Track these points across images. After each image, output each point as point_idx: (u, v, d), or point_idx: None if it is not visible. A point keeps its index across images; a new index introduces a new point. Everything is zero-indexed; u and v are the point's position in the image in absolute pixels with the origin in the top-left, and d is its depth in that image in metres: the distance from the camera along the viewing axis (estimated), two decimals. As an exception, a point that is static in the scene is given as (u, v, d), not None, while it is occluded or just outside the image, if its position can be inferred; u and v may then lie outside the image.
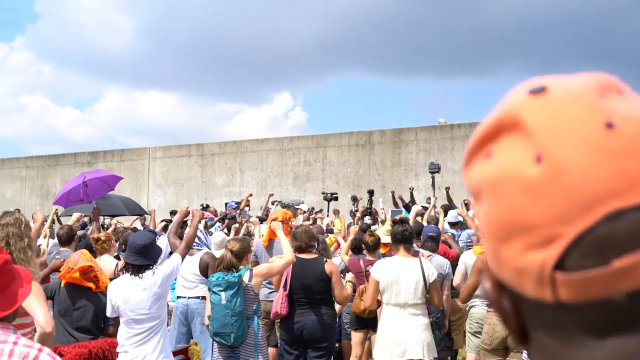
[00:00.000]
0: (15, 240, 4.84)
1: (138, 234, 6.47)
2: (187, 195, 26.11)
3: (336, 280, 7.61)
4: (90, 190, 12.10)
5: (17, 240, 4.84)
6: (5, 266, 3.04)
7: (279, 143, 25.26)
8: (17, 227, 4.90)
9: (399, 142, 23.32)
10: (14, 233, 4.86)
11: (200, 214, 7.30)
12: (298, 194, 23.30)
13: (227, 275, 6.82)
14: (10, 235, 4.85)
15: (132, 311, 6.12)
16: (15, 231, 4.87)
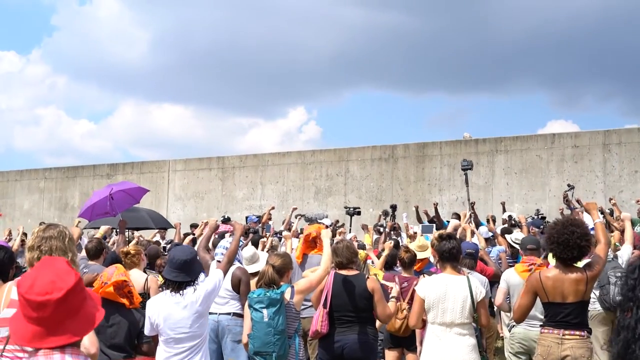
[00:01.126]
0: (58, 255, 4.58)
1: (179, 248, 6.20)
2: (207, 208, 25.88)
3: (379, 297, 7.32)
4: (116, 203, 11.90)
5: (60, 255, 4.58)
6: (78, 285, 2.79)
7: (300, 156, 25.02)
8: (61, 240, 4.64)
9: (423, 157, 23.03)
10: (58, 247, 4.60)
11: (242, 227, 7.03)
12: (320, 208, 23.06)
13: (268, 292, 6.55)
14: (54, 249, 4.59)
15: (172, 330, 5.86)
16: (59, 245, 4.61)
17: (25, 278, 2.80)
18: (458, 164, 22.18)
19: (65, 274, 2.80)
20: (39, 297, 2.70)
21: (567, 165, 21.11)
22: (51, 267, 2.81)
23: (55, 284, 2.74)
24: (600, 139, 20.87)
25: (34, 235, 4.66)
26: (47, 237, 4.61)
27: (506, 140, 22.23)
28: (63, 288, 2.75)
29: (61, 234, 4.67)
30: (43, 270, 2.80)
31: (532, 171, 21.54)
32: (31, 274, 2.81)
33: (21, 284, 2.75)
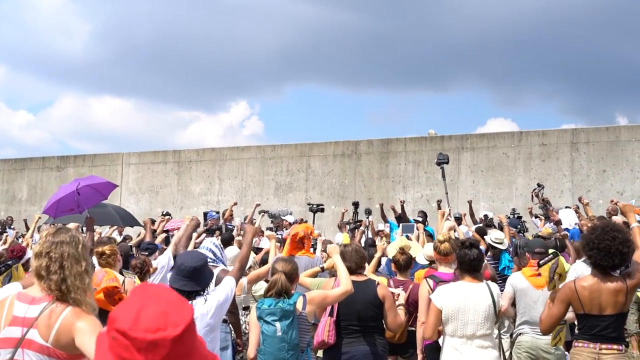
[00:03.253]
0: (70, 263, 3.92)
1: (187, 254, 5.54)
2: (162, 203, 25.08)
3: (389, 305, 6.78)
4: (83, 199, 11.12)
5: (72, 263, 3.92)
6: (193, 319, 2.14)
7: (260, 151, 24.38)
8: (74, 246, 3.97)
9: (387, 153, 22.57)
10: (70, 254, 3.93)
11: (253, 229, 6.40)
12: (280, 204, 22.47)
13: (280, 302, 5.95)
14: (65, 257, 3.92)
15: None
16: (71, 251, 3.95)
17: (123, 310, 2.10)
18: (423, 160, 21.83)
19: (179, 304, 2.12)
20: (149, 334, 2.00)
21: (534, 163, 20.84)
22: (158, 295, 2.13)
23: (168, 318, 2.04)
24: (568, 137, 20.63)
25: (42, 239, 4.00)
26: (58, 243, 3.94)
27: (472, 137, 21.89)
28: (179, 323, 2.06)
29: (73, 239, 4.01)
30: (147, 298, 2.10)
31: (498, 169, 21.23)
32: (130, 304, 2.11)
33: (119, 317, 2.06)
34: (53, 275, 3.87)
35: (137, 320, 2.04)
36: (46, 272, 3.88)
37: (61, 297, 3.85)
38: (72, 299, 3.85)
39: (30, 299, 3.90)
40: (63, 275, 3.87)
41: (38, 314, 3.82)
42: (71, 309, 3.83)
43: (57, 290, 3.84)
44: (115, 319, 2.08)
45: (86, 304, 3.88)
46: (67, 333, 3.77)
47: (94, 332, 3.76)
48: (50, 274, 3.88)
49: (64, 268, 3.89)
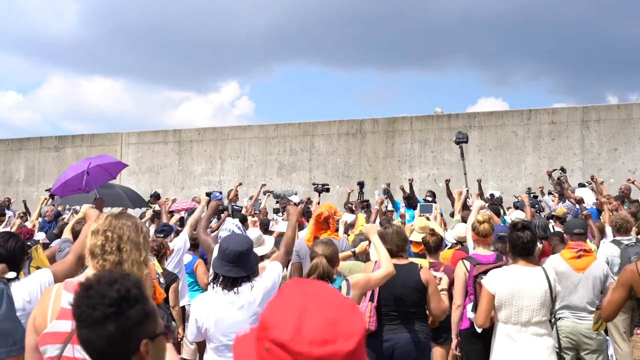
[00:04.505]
0: (129, 247, 3.53)
1: (232, 237, 5.15)
2: (163, 183, 24.68)
3: (433, 290, 6.42)
4: (91, 178, 10.73)
5: (132, 248, 3.54)
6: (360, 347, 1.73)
7: (262, 130, 23.94)
8: (135, 232, 3.60)
9: (393, 132, 22.18)
10: (130, 238, 3.55)
11: (298, 210, 6.01)
12: (284, 184, 22.08)
13: (324, 287, 5.58)
14: (125, 240, 3.54)
15: (225, 335, 4.83)
16: (132, 236, 3.57)
17: (278, 314, 1.68)
18: (429, 139, 21.49)
19: (349, 309, 1.71)
20: (315, 348, 1.59)
21: (544, 142, 20.49)
22: (322, 296, 1.72)
23: (338, 327, 1.62)
24: (579, 115, 20.29)
25: (103, 219, 3.62)
26: (119, 224, 3.57)
27: (480, 115, 21.52)
28: (352, 334, 1.63)
29: (136, 225, 3.63)
30: (308, 300, 1.69)
31: (507, 148, 20.87)
32: (287, 307, 1.69)
33: (275, 325, 1.65)
34: (109, 255, 3.50)
35: (299, 329, 1.64)
36: (101, 250, 3.51)
37: None
38: None
39: None
40: (120, 258, 3.50)
41: None
42: None
43: None
44: (270, 325, 1.68)
45: None
46: None
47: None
48: (105, 253, 3.50)
49: (122, 251, 3.51)
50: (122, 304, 2.23)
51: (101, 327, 2.21)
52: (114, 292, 2.23)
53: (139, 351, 2.27)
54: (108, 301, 2.21)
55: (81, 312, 2.23)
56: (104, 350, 2.24)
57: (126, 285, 2.28)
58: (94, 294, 2.24)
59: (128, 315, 2.24)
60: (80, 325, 2.25)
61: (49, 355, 3.48)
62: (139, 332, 2.27)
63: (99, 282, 2.27)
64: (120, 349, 2.25)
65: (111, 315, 2.20)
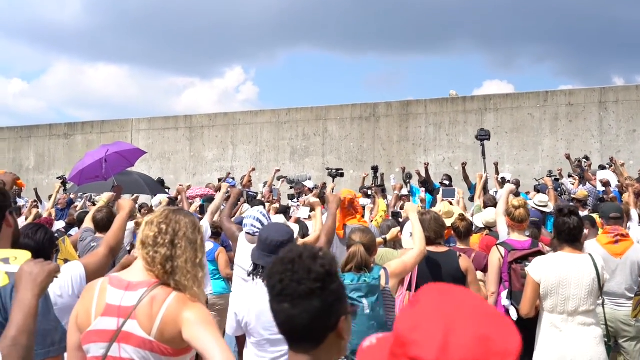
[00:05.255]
0: (184, 244, 3.30)
1: (273, 227, 4.93)
2: (174, 170, 24.49)
3: (472, 278, 6.20)
4: (108, 166, 10.54)
5: (186, 245, 3.30)
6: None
7: (274, 115, 23.69)
8: (192, 231, 3.36)
9: (407, 115, 21.91)
10: (186, 235, 3.32)
11: (338, 198, 5.78)
12: (296, 170, 21.86)
13: (364, 277, 5.36)
14: (180, 235, 3.30)
15: (267, 329, 4.61)
16: (188, 234, 3.33)
17: (418, 327, 1.44)
18: (444, 122, 21.23)
19: (500, 321, 1.48)
20: None
21: (561, 124, 20.22)
22: (466, 306, 1.49)
23: (491, 345, 1.39)
24: (596, 96, 20.00)
25: (160, 211, 3.40)
26: (176, 219, 3.34)
27: (496, 98, 21.24)
28: (508, 353, 1.40)
29: (194, 224, 3.40)
30: (452, 310, 1.45)
31: (523, 130, 20.60)
32: (428, 319, 1.46)
33: (416, 341, 1.41)
34: (160, 247, 3.26)
35: (445, 347, 1.40)
36: (153, 242, 3.27)
37: (164, 276, 3.26)
38: (176, 282, 3.25)
39: (126, 284, 3.30)
40: (172, 252, 3.26)
41: (137, 302, 3.22)
42: (176, 296, 3.23)
43: (160, 267, 3.25)
44: (410, 342, 1.44)
45: (192, 292, 3.27)
46: (172, 324, 3.18)
47: (204, 322, 3.18)
48: (157, 245, 3.27)
49: (175, 246, 3.28)
50: (326, 279, 2.21)
51: (306, 301, 2.18)
52: (319, 267, 2.21)
53: (337, 328, 2.25)
54: (314, 276, 2.19)
55: (285, 286, 2.19)
56: (307, 326, 2.20)
57: (329, 260, 2.26)
58: (299, 269, 2.20)
59: (331, 291, 2.22)
60: (281, 299, 2.21)
61: (93, 355, 3.27)
62: (338, 308, 2.25)
63: (300, 257, 2.23)
64: (323, 325, 2.23)
65: (317, 290, 2.18)
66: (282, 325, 2.26)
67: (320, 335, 2.25)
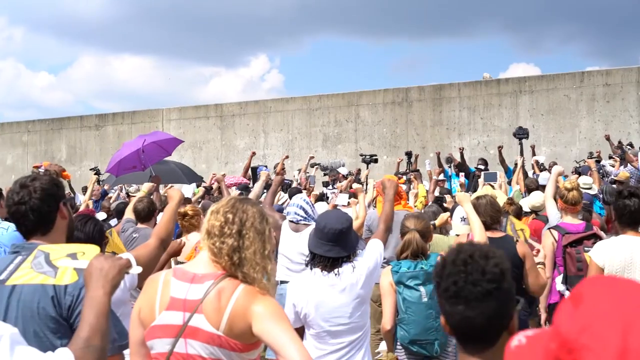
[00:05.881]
0: (252, 235, 3.13)
1: (330, 214, 4.76)
2: (206, 159, 24.39)
3: (531, 264, 5.99)
4: (146, 156, 10.45)
5: (254, 236, 3.14)
6: None
7: (306, 102, 23.50)
8: (260, 221, 3.19)
9: (440, 99, 21.64)
10: (254, 225, 3.15)
11: (395, 184, 5.61)
12: (329, 156, 21.68)
13: (421, 264, 5.19)
14: (248, 226, 3.13)
15: (327, 321, 4.46)
16: (256, 224, 3.17)
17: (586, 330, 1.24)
18: (478, 106, 20.95)
19: None
20: None
21: (598, 105, 19.87)
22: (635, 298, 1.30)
23: None
24: (634, 76, 19.63)
25: (226, 200, 3.24)
26: (243, 208, 3.17)
27: (530, 79, 20.93)
28: None
29: (262, 215, 3.24)
30: (626, 310, 1.27)
31: (560, 112, 20.28)
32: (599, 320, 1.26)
33: (592, 348, 1.21)
34: (227, 238, 3.09)
35: (625, 353, 1.22)
36: (219, 232, 3.10)
37: (230, 268, 3.09)
38: (244, 274, 3.08)
39: (191, 276, 3.14)
40: (239, 243, 3.09)
41: (203, 295, 3.06)
42: (244, 288, 3.07)
43: (227, 258, 3.08)
44: (581, 347, 1.25)
45: (261, 284, 3.11)
46: (241, 318, 3.01)
47: (275, 316, 3.02)
48: (223, 235, 3.09)
49: (242, 236, 3.11)
50: (501, 278, 2.17)
51: (483, 303, 2.14)
52: (492, 267, 2.17)
53: (509, 326, 2.21)
54: (489, 277, 2.15)
55: (460, 288, 2.15)
56: (484, 327, 2.16)
57: (501, 259, 2.22)
58: (473, 270, 2.16)
59: (505, 290, 2.18)
60: (455, 302, 2.16)
61: (157, 351, 3.12)
62: (511, 307, 2.22)
63: (472, 257, 2.18)
64: (498, 325, 2.19)
65: (493, 291, 2.14)
66: (457, 326, 2.21)
67: (495, 335, 2.19)
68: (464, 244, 2.28)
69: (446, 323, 2.23)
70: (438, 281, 2.22)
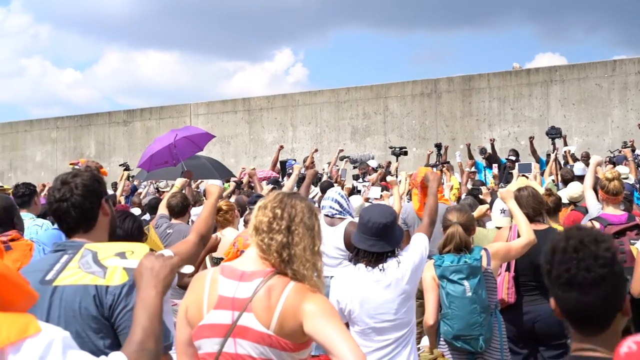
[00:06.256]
0: (302, 230, 3.05)
1: (374, 208, 4.67)
2: (235, 153, 24.35)
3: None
4: (178, 151, 10.41)
5: (304, 232, 3.06)
6: None
7: (334, 95, 23.38)
8: (309, 217, 3.12)
9: (469, 90, 21.44)
10: (303, 221, 3.07)
11: (436, 176, 5.51)
12: (358, 149, 21.54)
13: (465, 258, 5.09)
14: (297, 221, 3.05)
15: (372, 317, 4.37)
16: (305, 219, 3.08)
17: None
18: (508, 96, 20.75)
19: None
20: None
21: (630, 93, 19.59)
22: None
23: None
24: (669, 63, 19.35)
25: (274, 195, 3.16)
26: (291, 203, 3.09)
27: (561, 69, 20.69)
28: None
29: (311, 210, 3.16)
30: None
31: (591, 101, 20.01)
32: None
33: None
34: (276, 234, 3.01)
35: None
36: (268, 228, 3.03)
37: (280, 265, 3.01)
38: (294, 271, 3.00)
39: (239, 274, 3.06)
40: (289, 239, 3.01)
41: (252, 294, 2.98)
42: (294, 286, 2.99)
43: (276, 255, 3.01)
44: None
45: (312, 281, 3.03)
46: (292, 317, 2.93)
47: (327, 315, 2.94)
48: (272, 231, 3.02)
49: (292, 232, 3.02)
50: (613, 262, 2.14)
51: (597, 288, 2.12)
52: (604, 251, 2.13)
53: (623, 307, 2.21)
54: (602, 261, 2.12)
55: (573, 275, 2.13)
56: (599, 311, 2.16)
57: (610, 242, 2.17)
58: (584, 256, 2.12)
59: (618, 273, 2.17)
60: (567, 288, 2.14)
61: (205, 351, 3.05)
62: (624, 289, 2.23)
63: (582, 242, 2.13)
64: (613, 307, 2.18)
65: (606, 275, 2.12)
66: (571, 312, 2.20)
67: (610, 318, 2.19)
68: (570, 229, 2.24)
69: (557, 307, 2.22)
70: (549, 269, 2.19)
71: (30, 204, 7.10)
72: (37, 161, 27.66)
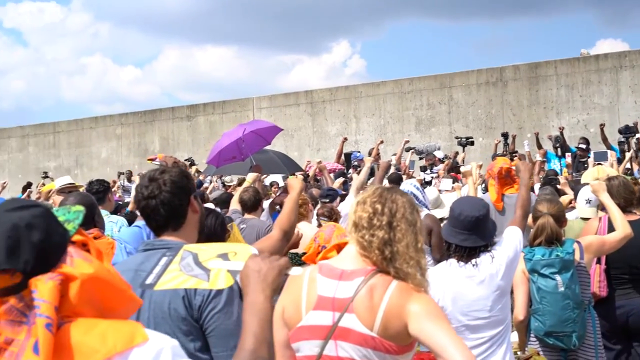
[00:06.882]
0: (404, 226, 2.89)
1: (466, 200, 4.49)
2: (298, 146, 24.26)
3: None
4: (246, 145, 10.33)
5: (406, 227, 2.90)
6: None
7: (397, 85, 23.13)
8: (411, 212, 2.95)
9: (536, 78, 21.01)
10: (405, 216, 2.91)
11: (529, 167, 5.31)
12: (423, 140, 21.28)
13: (556, 251, 4.88)
14: (398, 217, 2.89)
15: (466, 314, 4.18)
16: (407, 214, 2.92)
17: None
18: (577, 83, 20.30)
19: None
20: None
21: None
22: None
23: None
24: None
25: (372, 190, 3.01)
26: (392, 198, 2.93)
27: (631, 54, 20.14)
28: None
29: (413, 205, 2.97)
30: None
31: (664, 87, 19.46)
32: None
33: None
34: (377, 230, 2.85)
35: None
36: (368, 224, 2.87)
37: (382, 263, 2.86)
38: (396, 269, 2.84)
39: (339, 272, 2.91)
40: (390, 235, 2.85)
41: (354, 293, 2.83)
42: (398, 285, 2.83)
43: (378, 252, 2.84)
44: None
45: (416, 280, 2.87)
46: (397, 318, 2.77)
47: (433, 315, 2.78)
48: (372, 227, 2.86)
49: (393, 228, 2.86)
50: None
51: None
52: None
53: None
54: None
55: None
56: None
57: None
58: None
59: None
60: None
61: (304, 354, 2.91)
62: None
63: None
64: None
65: None
66: None
67: None
68: None
69: None
70: None
71: (105, 201, 7.06)
72: (102, 158, 27.95)
